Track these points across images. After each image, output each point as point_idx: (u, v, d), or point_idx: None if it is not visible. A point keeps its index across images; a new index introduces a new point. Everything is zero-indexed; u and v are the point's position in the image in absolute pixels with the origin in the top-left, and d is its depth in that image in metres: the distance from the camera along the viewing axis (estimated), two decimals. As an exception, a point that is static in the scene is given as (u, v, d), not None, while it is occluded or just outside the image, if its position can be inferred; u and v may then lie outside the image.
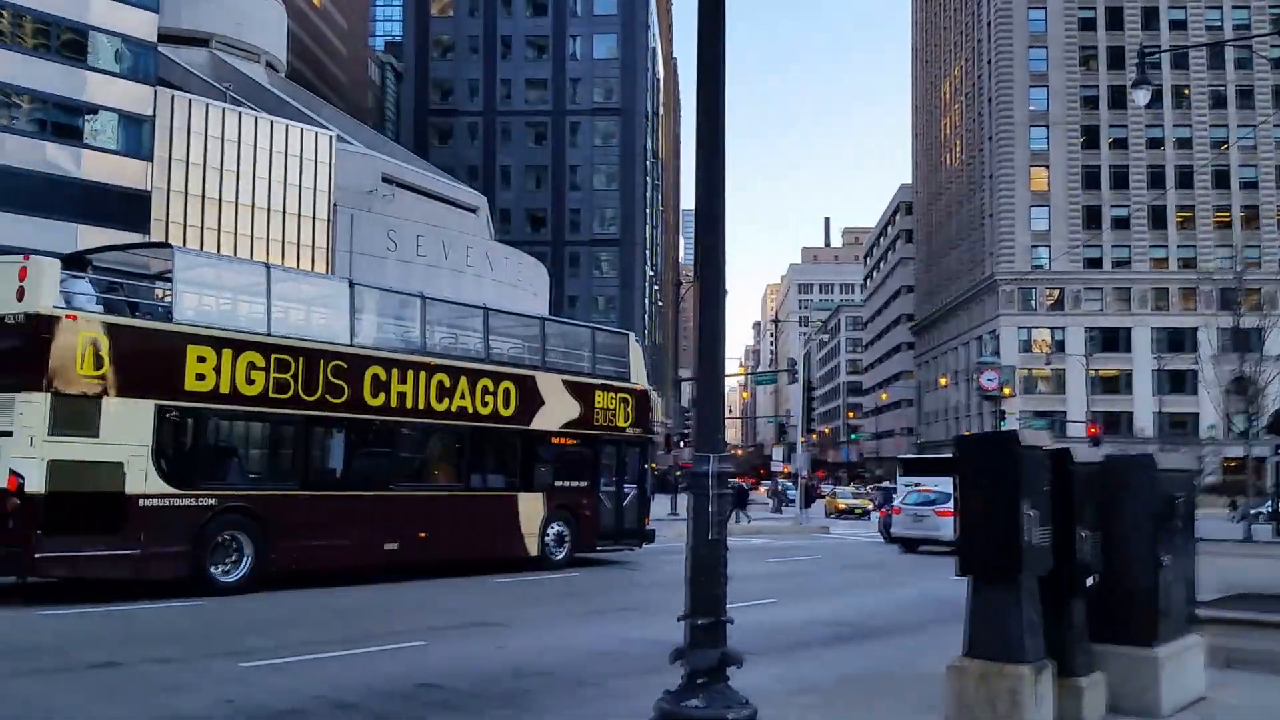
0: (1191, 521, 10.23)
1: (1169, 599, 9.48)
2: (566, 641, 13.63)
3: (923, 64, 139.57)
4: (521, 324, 26.10)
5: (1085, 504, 9.05)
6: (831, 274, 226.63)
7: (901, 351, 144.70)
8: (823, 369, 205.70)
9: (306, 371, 18.68)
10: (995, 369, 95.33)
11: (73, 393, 15.68)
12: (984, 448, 9.34)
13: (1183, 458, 12.39)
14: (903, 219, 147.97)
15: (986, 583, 8.40)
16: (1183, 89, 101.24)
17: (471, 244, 63.56)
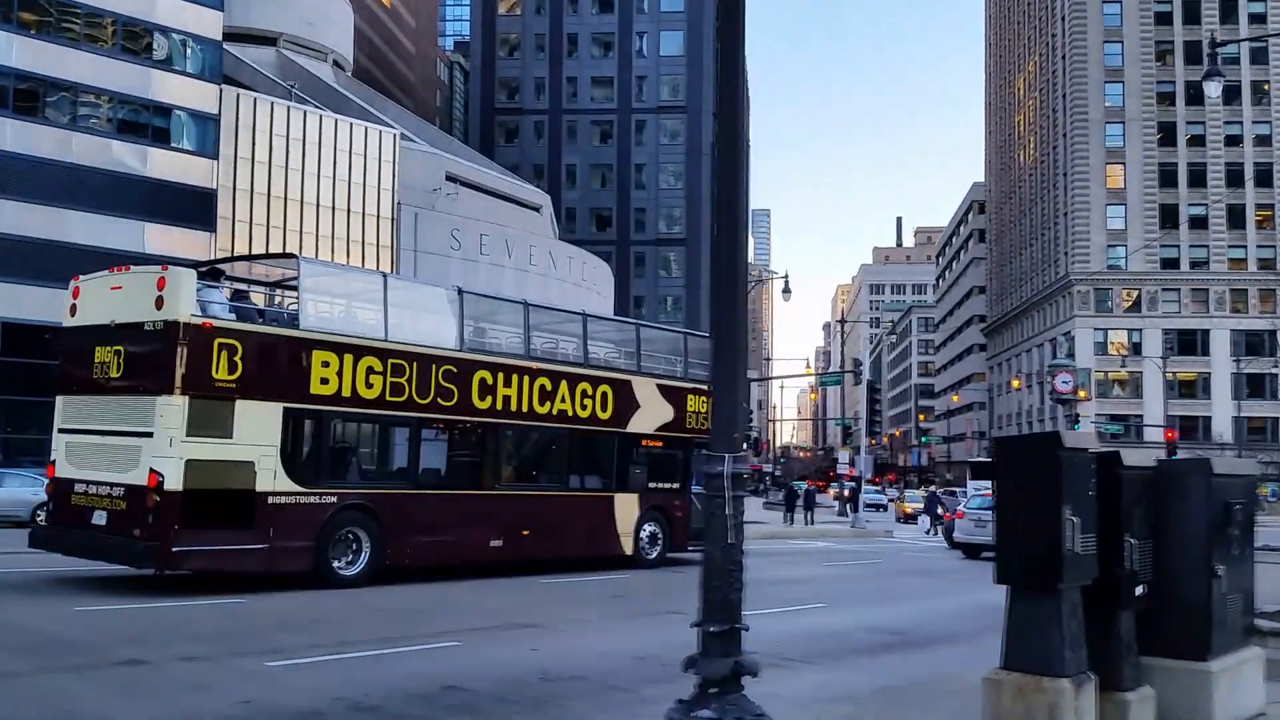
0: (1250, 529, 9.67)
1: (1224, 610, 8.99)
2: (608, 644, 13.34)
3: (996, 60, 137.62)
4: (617, 329, 27.06)
5: (1135, 510, 8.62)
6: (903, 274, 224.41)
7: (973, 354, 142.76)
8: (894, 371, 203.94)
9: (420, 376, 19.55)
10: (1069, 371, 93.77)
11: (208, 396, 16.54)
12: (1024, 449, 8.93)
13: (1244, 462, 11.82)
14: (975, 218, 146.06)
15: (1025, 591, 7.91)
16: (1262, 84, 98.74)
17: (535, 243, 63.44)
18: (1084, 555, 7.92)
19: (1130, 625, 8.58)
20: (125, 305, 17.26)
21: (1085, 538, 7.94)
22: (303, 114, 53.64)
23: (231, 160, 52.01)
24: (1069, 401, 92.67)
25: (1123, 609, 8.48)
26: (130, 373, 17.07)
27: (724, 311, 7.75)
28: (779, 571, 25.72)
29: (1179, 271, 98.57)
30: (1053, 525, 7.75)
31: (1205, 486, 9.02)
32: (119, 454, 16.75)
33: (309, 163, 52.94)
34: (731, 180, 7.72)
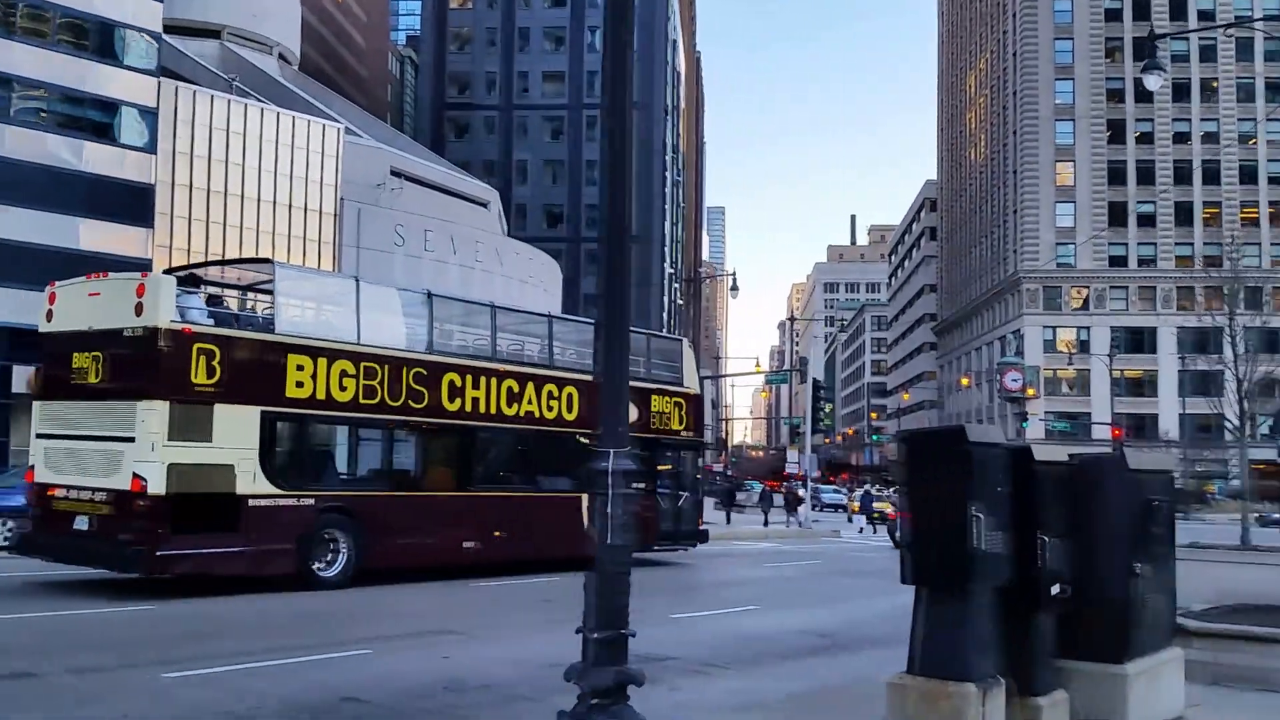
0: (1172, 526, 9.52)
1: (1144, 611, 8.80)
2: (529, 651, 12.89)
3: (949, 57, 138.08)
4: (581, 330, 27.01)
5: (1051, 508, 8.36)
6: (857, 273, 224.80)
7: (924, 352, 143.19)
8: (848, 369, 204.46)
9: (391, 378, 19.88)
10: (1018, 369, 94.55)
11: (188, 400, 16.86)
12: (931, 445, 8.60)
13: (1164, 457, 11.68)
14: (927, 216, 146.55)
15: (933, 592, 7.66)
16: (1210, 81, 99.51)
17: (481, 239, 62.78)
18: (994, 555, 7.65)
19: (1047, 627, 8.35)
20: (104, 311, 17.49)
21: (995, 536, 7.67)
22: (244, 107, 52.73)
23: (170, 155, 50.96)
24: (1018, 399, 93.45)
25: (1038, 610, 8.23)
26: (110, 378, 17.28)
27: (611, 300, 7.42)
28: (717, 574, 25.45)
29: (1127, 269, 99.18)
30: (960, 523, 7.50)
31: (1124, 483, 8.82)
32: (101, 459, 16.96)
33: (250, 157, 52.04)
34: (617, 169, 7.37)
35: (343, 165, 55.56)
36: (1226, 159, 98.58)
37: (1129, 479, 8.85)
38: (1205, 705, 9.79)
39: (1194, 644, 11.05)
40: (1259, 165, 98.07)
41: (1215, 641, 11.31)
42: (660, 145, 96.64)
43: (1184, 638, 10.83)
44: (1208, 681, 10.87)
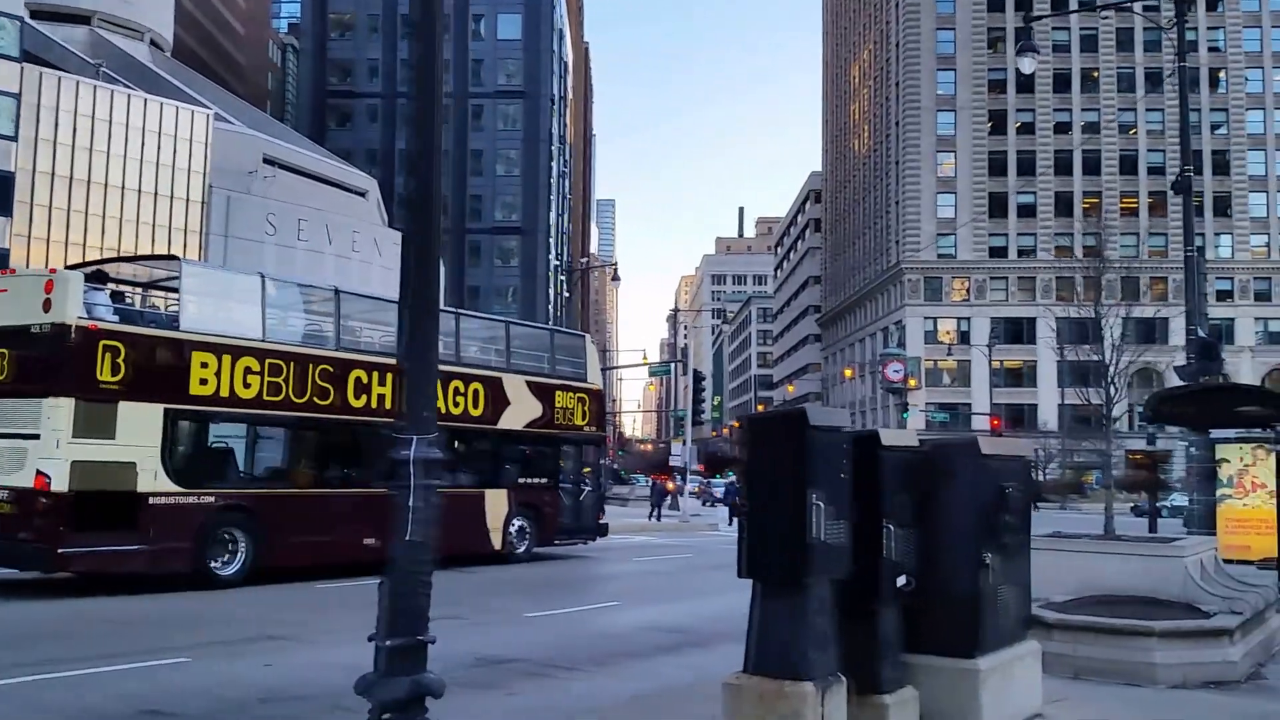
0: (1027, 514, 9.12)
1: (996, 603, 8.42)
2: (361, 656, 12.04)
3: (833, 47, 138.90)
4: (487, 327, 27.59)
5: (897, 495, 8.01)
6: (744, 265, 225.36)
7: (809, 344, 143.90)
8: (735, 361, 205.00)
9: (296, 376, 19.83)
10: (900, 360, 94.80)
11: (94, 398, 16.81)
12: (769, 428, 8.09)
13: (1018, 443, 11.26)
14: (811, 208, 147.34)
15: (769, 586, 7.23)
16: (1091, 71, 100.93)
17: (359, 229, 61.28)
18: (834, 545, 7.23)
19: (893, 621, 7.98)
20: (10, 308, 17.40)
21: (836, 526, 7.25)
22: (110, 94, 50.65)
23: (33, 142, 48.84)
24: (899, 390, 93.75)
25: (883, 603, 7.86)
26: (15, 375, 17.24)
27: (419, 280, 6.74)
28: (583, 569, 24.82)
29: (1007, 259, 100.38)
30: (797, 512, 7.06)
31: (975, 469, 8.44)
32: (3, 456, 16.84)
33: (115, 144, 50.00)
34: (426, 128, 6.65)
35: (213, 152, 53.74)
36: (1107, 149, 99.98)
37: (981, 465, 8.46)
38: (1066, 701, 9.46)
39: (1054, 637, 10.90)
40: (1139, 155, 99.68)
41: (1075, 634, 11.12)
42: (547, 135, 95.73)
43: (1043, 630, 10.63)
44: (1069, 675, 10.67)
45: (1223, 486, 18.88)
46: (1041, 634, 10.41)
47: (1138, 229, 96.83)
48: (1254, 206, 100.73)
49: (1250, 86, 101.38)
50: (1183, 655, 11.00)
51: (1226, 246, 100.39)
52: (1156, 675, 10.79)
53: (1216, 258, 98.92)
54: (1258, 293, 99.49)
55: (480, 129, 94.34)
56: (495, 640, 13.25)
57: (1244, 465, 18.91)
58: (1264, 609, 12.84)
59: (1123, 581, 12.51)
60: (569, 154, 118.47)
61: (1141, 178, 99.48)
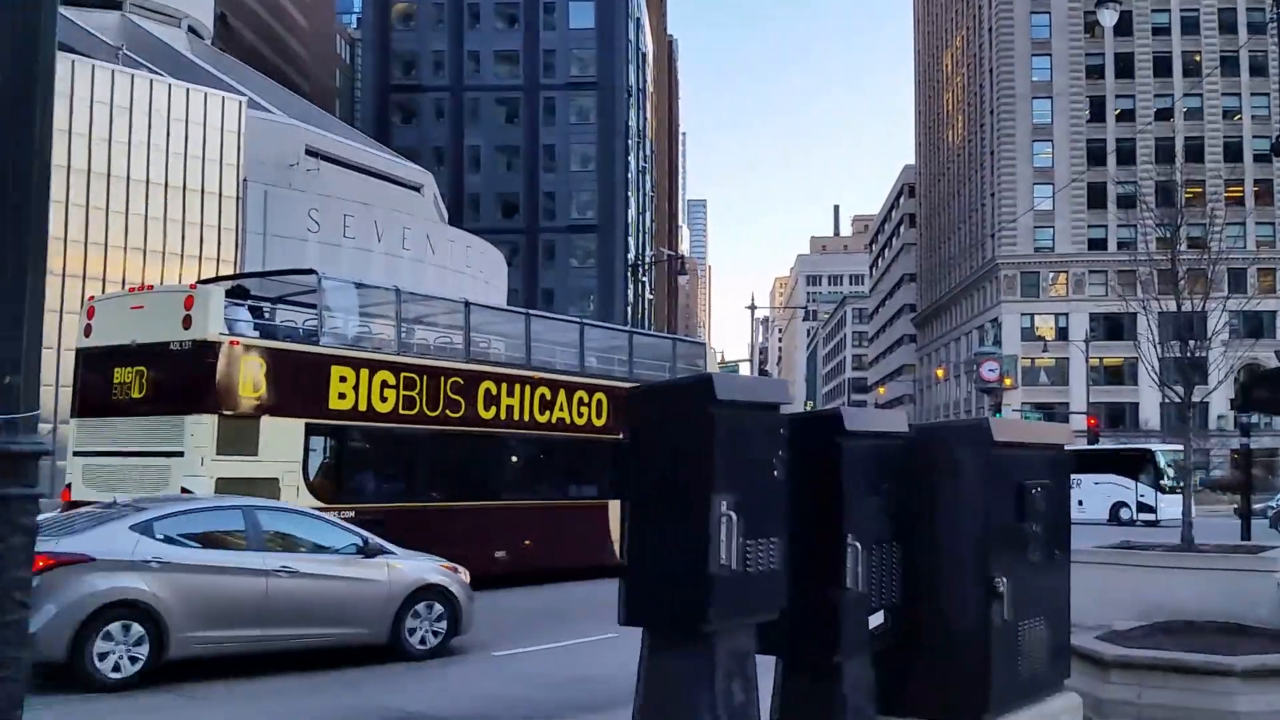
0: (1062, 521, 7.20)
1: (1014, 645, 6.47)
2: None
3: (924, 36, 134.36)
4: (611, 337, 28.20)
5: (867, 499, 6.15)
6: (840, 264, 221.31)
7: (904, 344, 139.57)
8: (829, 365, 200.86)
9: (430, 388, 19.99)
10: (995, 359, 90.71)
11: (236, 414, 16.99)
12: (659, 403, 5.87)
13: (1051, 428, 8.16)
14: (905, 202, 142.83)
15: (660, 635, 5.41)
16: (1193, 55, 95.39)
17: (410, 225, 58.31)
18: (759, 574, 5.42)
19: (862, 677, 6.14)
20: (148, 325, 17.58)
21: (762, 546, 5.44)
22: (130, 78, 48.06)
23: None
24: (995, 390, 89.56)
25: (846, 653, 5.97)
26: (156, 393, 17.30)
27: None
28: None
29: (1106, 253, 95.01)
30: (697, 528, 5.20)
31: (984, 462, 6.43)
32: (146, 475, 16.78)
33: (138, 134, 47.26)
34: None
35: (250, 143, 51.11)
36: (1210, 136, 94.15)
37: (993, 457, 6.44)
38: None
39: (1112, 677, 8.81)
40: (1243, 141, 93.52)
41: (1140, 674, 8.78)
42: (623, 128, 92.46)
43: (1099, 670, 8.78)
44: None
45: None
46: (1097, 674, 8.74)
47: (1244, 218, 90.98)
48: None
49: None
50: (1272, 701, 8.49)
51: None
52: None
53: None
54: None
55: (552, 123, 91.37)
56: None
57: None
58: None
59: (1203, 603, 10.29)
60: (649, 149, 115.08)
61: (1247, 164, 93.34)
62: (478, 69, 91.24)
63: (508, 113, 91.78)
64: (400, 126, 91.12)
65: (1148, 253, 42.51)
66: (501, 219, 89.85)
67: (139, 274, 44.19)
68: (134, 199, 46.87)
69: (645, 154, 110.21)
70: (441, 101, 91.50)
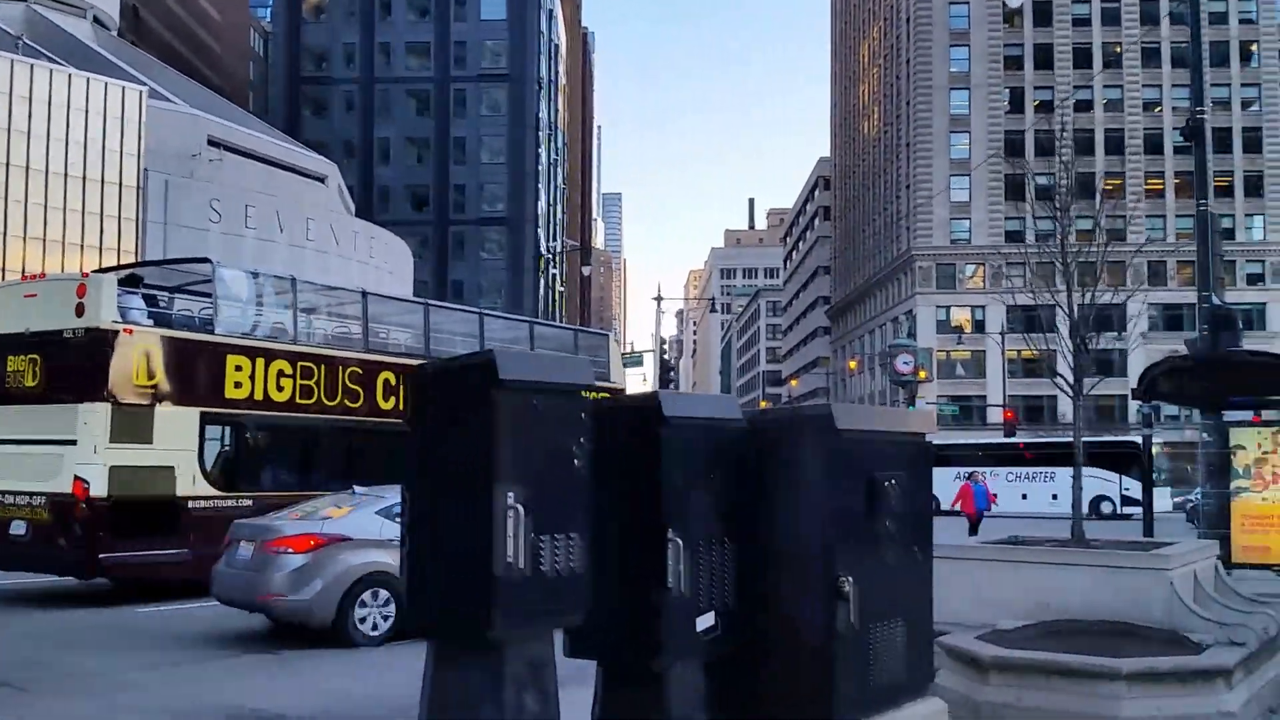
0: (922, 518, 6.74)
1: (864, 650, 5.97)
2: None
3: (841, 26, 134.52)
4: (512, 328, 27.97)
5: (692, 492, 5.64)
6: (754, 258, 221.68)
7: (819, 337, 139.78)
8: (743, 357, 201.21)
9: (329, 378, 19.89)
10: (909, 352, 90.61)
11: (130, 402, 16.86)
12: (440, 384, 5.42)
13: (906, 414, 7.76)
14: (820, 195, 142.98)
15: (443, 646, 5.04)
16: (1113, 47, 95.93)
17: (314, 216, 57.22)
18: (555, 576, 5.03)
19: (690, 687, 5.66)
20: (42, 313, 17.46)
21: (560, 544, 5.06)
22: (29, 67, 46.58)
23: (-63, 123, 44.96)
24: (909, 383, 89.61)
25: (666, 657, 5.47)
26: (49, 381, 17.24)
27: None
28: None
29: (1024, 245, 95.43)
30: (478, 524, 4.79)
31: (828, 452, 5.89)
32: (39, 463, 16.76)
33: (37, 123, 45.84)
34: None
35: (151, 134, 49.82)
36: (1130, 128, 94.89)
37: (839, 447, 5.90)
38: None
39: (991, 680, 8.49)
40: (1164, 134, 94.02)
41: (1020, 677, 8.42)
42: (533, 120, 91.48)
43: (977, 672, 8.51)
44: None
45: (1238, 478, 15.85)
46: (975, 676, 8.48)
47: (1164, 211, 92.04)
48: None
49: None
50: (1161, 706, 8.19)
51: (1258, 228, 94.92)
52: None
53: (1248, 240, 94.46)
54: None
55: (463, 115, 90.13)
56: None
57: (1263, 453, 15.77)
58: (1278, 634, 9.86)
59: (1092, 602, 9.75)
60: (561, 141, 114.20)
61: (1167, 157, 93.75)
62: (389, 61, 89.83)
63: (418, 105, 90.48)
64: (311, 119, 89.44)
65: (1062, 246, 42.53)
66: (412, 211, 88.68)
67: (38, 264, 43.77)
68: (33, 189, 45.75)
69: (557, 146, 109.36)
70: (352, 94, 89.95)
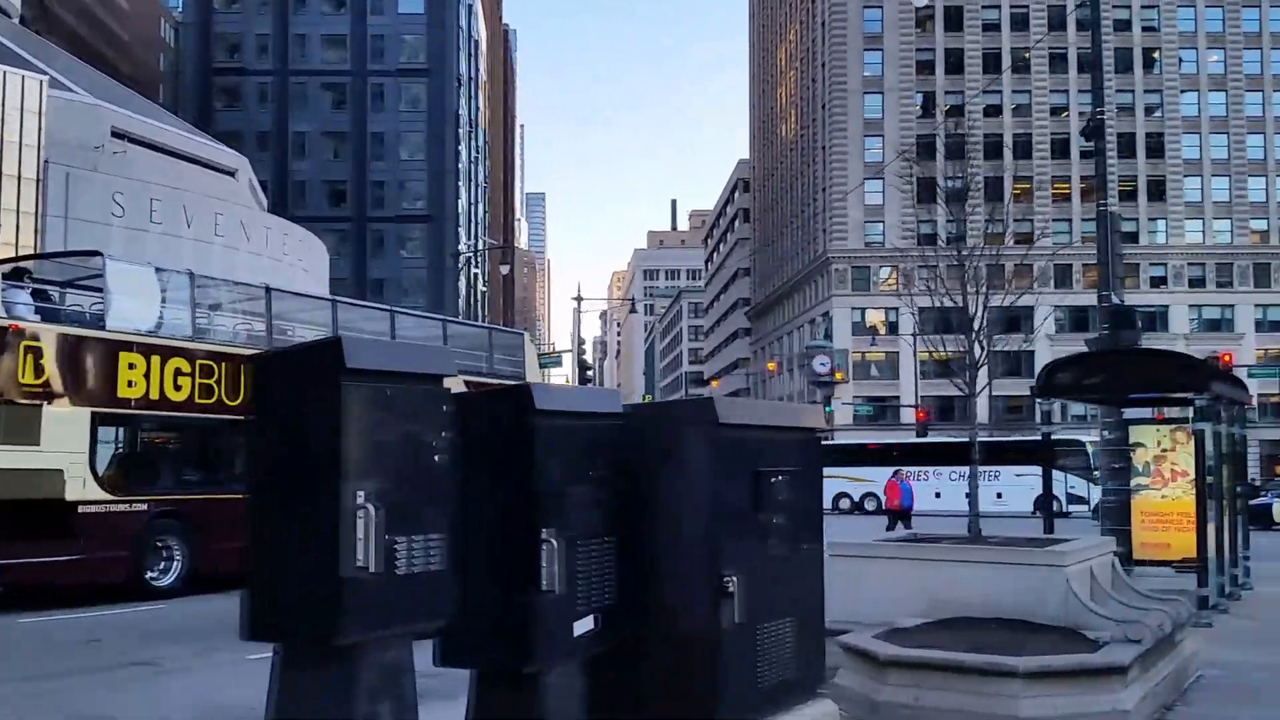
0: (814, 513, 6.67)
1: (751, 647, 5.81)
2: None
3: (760, 29, 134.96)
4: (424, 325, 27.02)
5: (574, 489, 5.44)
6: (677, 259, 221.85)
7: (740, 338, 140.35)
8: (666, 358, 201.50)
9: (230, 377, 19.08)
10: (826, 353, 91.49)
11: (15, 401, 16.22)
12: (284, 373, 5.06)
13: (794, 410, 7.67)
14: (740, 197, 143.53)
15: (290, 651, 4.68)
16: (1022, 52, 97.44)
17: (222, 211, 55.88)
18: (411, 576, 4.74)
19: (568, 685, 5.45)
20: None
21: (414, 543, 4.74)
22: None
23: None
24: (826, 384, 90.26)
25: (540, 660, 5.22)
26: None
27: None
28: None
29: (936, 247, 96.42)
30: (324, 522, 4.48)
31: (710, 445, 5.74)
32: None
33: (-73, 116, 44.62)
34: None
35: (51, 124, 48.30)
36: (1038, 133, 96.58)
37: (722, 440, 5.76)
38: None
39: (889, 678, 8.43)
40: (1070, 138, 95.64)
41: (917, 675, 8.32)
42: (453, 116, 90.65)
43: (875, 669, 8.46)
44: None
45: (1138, 475, 16.16)
46: (873, 674, 8.43)
47: (1070, 215, 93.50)
48: (1189, 191, 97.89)
49: (1185, 68, 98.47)
50: (1057, 705, 8.10)
51: (1161, 232, 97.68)
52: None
53: (1151, 243, 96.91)
54: (1192, 279, 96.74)
55: (381, 109, 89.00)
56: None
57: (1162, 450, 16.04)
58: (1173, 630, 9.96)
59: (991, 598, 9.76)
60: (483, 139, 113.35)
61: (1074, 161, 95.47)
62: (304, 53, 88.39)
63: (335, 98, 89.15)
64: (224, 111, 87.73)
65: (967, 248, 42.70)
66: (329, 207, 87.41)
67: (-67, 258, 41.75)
68: (-75, 181, 44.08)
69: (478, 144, 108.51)
70: (266, 86, 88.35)
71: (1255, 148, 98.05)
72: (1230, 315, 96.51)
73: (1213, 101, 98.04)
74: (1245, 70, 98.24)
